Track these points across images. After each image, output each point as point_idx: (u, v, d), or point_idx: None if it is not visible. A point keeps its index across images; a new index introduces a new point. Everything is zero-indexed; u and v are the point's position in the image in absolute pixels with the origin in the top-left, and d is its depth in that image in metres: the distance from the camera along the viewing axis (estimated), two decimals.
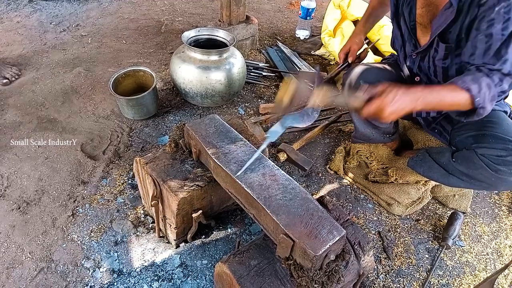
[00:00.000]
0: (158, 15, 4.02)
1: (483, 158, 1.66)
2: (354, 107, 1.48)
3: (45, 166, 2.20)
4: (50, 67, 3.04)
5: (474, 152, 1.69)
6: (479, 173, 1.71)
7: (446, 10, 1.52)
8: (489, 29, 1.41)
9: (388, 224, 2.12)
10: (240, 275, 1.33)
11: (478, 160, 1.67)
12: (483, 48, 1.45)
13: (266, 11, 4.39)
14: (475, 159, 1.69)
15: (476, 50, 1.47)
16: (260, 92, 3.01)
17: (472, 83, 1.44)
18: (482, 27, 1.43)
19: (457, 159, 1.79)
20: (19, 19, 3.70)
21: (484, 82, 1.43)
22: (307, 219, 1.29)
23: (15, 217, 1.93)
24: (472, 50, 1.49)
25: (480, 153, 1.67)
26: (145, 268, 1.76)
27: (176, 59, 2.56)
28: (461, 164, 1.77)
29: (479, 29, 1.44)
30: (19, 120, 2.51)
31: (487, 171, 1.66)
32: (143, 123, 2.58)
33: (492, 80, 1.44)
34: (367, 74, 1.97)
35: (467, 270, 1.95)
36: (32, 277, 1.71)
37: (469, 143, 1.75)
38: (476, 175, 1.73)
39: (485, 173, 1.67)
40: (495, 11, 1.38)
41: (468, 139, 1.77)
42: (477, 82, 1.43)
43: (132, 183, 2.15)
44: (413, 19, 1.74)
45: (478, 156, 1.67)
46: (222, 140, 1.60)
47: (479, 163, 1.67)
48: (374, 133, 2.17)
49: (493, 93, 1.45)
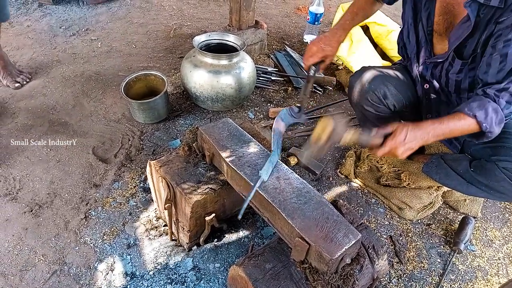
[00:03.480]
0: (167, 20, 4.04)
1: (506, 172, 1.67)
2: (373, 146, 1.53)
3: (57, 169, 2.21)
4: (60, 71, 3.07)
5: (496, 165, 1.69)
6: (500, 186, 1.72)
7: (464, 24, 1.52)
8: (505, 49, 1.41)
9: (400, 228, 2.11)
10: (255, 278, 1.33)
11: (500, 173, 1.68)
12: (496, 68, 1.45)
13: (274, 16, 4.40)
14: (496, 171, 1.69)
15: (490, 69, 1.47)
16: (269, 96, 3.02)
17: (478, 109, 1.45)
18: (498, 46, 1.43)
19: (476, 169, 1.79)
20: (29, 23, 3.74)
21: (490, 108, 1.45)
22: (323, 223, 1.30)
23: (27, 220, 1.94)
24: (486, 68, 1.49)
25: (502, 166, 1.67)
26: (158, 271, 1.76)
27: (187, 63, 2.58)
28: (481, 175, 1.77)
29: (495, 48, 1.44)
30: (31, 124, 2.53)
31: (509, 184, 1.68)
32: (154, 126, 2.59)
33: (499, 103, 1.46)
34: (375, 81, 1.96)
35: (479, 274, 1.94)
36: (45, 280, 1.72)
37: (487, 154, 1.75)
38: (497, 187, 1.73)
39: (508, 185, 1.69)
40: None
41: (486, 149, 1.76)
42: (483, 108, 1.45)
43: (144, 186, 2.16)
44: (431, 25, 1.73)
45: (500, 169, 1.68)
46: (236, 144, 1.61)
47: (501, 175, 1.68)
48: None
49: (500, 116, 1.47)
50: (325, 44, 1.89)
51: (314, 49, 1.90)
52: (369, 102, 1.98)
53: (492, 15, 1.44)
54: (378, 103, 1.97)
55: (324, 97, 3.09)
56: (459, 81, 1.70)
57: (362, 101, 2.01)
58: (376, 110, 2.00)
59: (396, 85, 1.95)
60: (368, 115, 2.05)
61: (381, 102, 1.96)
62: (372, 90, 1.94)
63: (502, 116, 1.47)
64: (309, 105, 2.97)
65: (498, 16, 1.41)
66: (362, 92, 1.98)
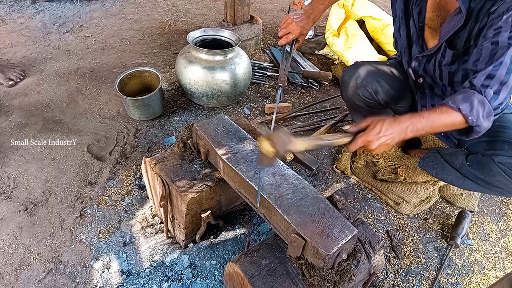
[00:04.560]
0: (161, 15, 4.02)
1: (501, 166, 1.66)
2: (341, 145, 1.47)
3: (52, 167, 2.20)
4: (54, 68, 3.04)
5: (491, 160, 1.68)
6: (496, 180, 1.71)
7: (455, 16, 1.51)
8: (496, 37, 1.39)
9: (396, 223, 2.11)
10: (251, 275, 1.33)
11: (496, 167, 1.67)
12: (487, 55, 1.43)
13: (269, 11, 4.38)
14: (492, 165, 1.68)
15: (481, 57, 1.45)
16: (265, 92, 3.01)
17: (463, 102, 1.41)
18: (488, 34, 1.41)
19: (472, 163, 1.78)
20: (22, 21, 3.70)
21: (476, 100, 1.41)
22: (319, 218, 1.29)
23: (22, 219, 1.93)
24: (477, 56, 1.47)
25: (498, 161, 1.66)
26: (154, 269, 1.76)
27: (182, 59, 2.56)
28: (477, 170, 1.76)
29: (486, 37, 1.42)
30: (25, 122, 2.51)
31: (506, 179, 1.67)
32: (149, 123, 2.58)
33: (486, 95, 1.42)
34: (367, 77, 1.96)
35: (476, 268, 1.94)
36: (41, 279, 1.70)
37: (482, 148, 1.74)
38: (493, 181, 1.73)
39: (503, 180, 1.68)
40: (503, 20, 1.37)
41: (481, 144, 1.75)
42: (468, 100, 1.41)
43: (140, 183, 2.14)
44: (422, 20, 1.72)
45: (496, 164, 1.66)
46: (231, 140, 1.60)
47: (497, 170, 1.67)
48: None
49: (487, 109, 1.43)
50: (302, 23, 1.85)
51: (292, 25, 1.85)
52: (361, 98, 1.98)
53: (483, 5, 1.42)
54: (369, 99, 1.97)
55: (320, 92, 3.08)
56: (452, 73, 1.68)
57: (354, 97, 2.01)
58: (367, 105, 2.00)
59: (389, 81, 1.95)
60: (360, 109, 2.06)
61: (372, 97, 1.96)
62: (363, 86, 1.94)
63: (490, 109, 1.44)
64: (305, 100, 2.96)
65: (490, 7, 1.41)
66: (354, 88, 1.98)
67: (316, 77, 3.09)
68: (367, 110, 2.03)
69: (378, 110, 2.00)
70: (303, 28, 1.86)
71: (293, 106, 2.86)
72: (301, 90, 3.07)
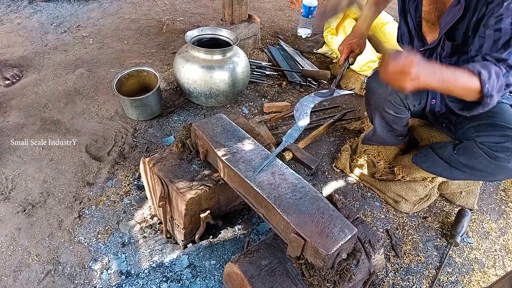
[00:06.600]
0: (159, 15, 4.01)
1: (482, 146, 1.66)
2: (384, 54, 1.39)
3: (50, 168, 2.19)
4: (52, 68, 3.03)
5: (474, 141, 1.69)
6: (478, 162, 1.70)
7: (454, 7, 1.52)
8: (498, 24, 1.40)
9: (396, 222, 2.11)
10: (251, 275, 1.32)
11: (478, 149, 1.67)
12: (491, 41, 1.44)
13: (267, 10, 4.37)
14: (474, 148, 1.68)
15: (485, 43, 1.46)
16: (264, 91, 3.00)
17: (483, 68, 1.39)
18: (490, 22, 1.42)
19: (458, 150, 1.79)
20: (19, 21, 3.69)
21: (493, 70, 1.40)
22: (318, 218, 1.28)
23: (20, 220, 1.92)
24: (480, 43, 1.47)
25: (479, 141, 1.67)
26: (154, 269, 1.75)
27: (180, 58, 2.55)
28: (462, 155, 1.77)
29: (487, 25, 1.43)
30: (22, 122, 2.49)
31: (486, 159, 1.66)
32: (147, 123, 2.57)
33: (501, 69, 1.42)
34: None
35: (476, 267, 1.94)
36: (40, 280, 1.70)
37: (470, 134, 1.75)
38: (476, 164, 1.72)
39: (485, 161, 1.67)
40: (504, 6, 1.39)
41: (470, 130, 1.77)
42: (487, 68, 1.39)
43: (138, 184, 2.14)
44: (419, 16, 1.73)
45: (477, 145, 1.67)
46: (230, 140, 1.59)
47: (478, 151, 1.67)
48: (389, 136, 2.11)
49: (501, 82, 1.41)
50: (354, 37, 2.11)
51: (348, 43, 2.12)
52: (391, 105, 1.89)
53: None
54: (399, 105, 1.89)
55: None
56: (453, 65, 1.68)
57: (384, 104, 1.91)
58: (395, 112, 1.92)
59: None
60: (386, 117, 1.98)
61: (402, 103, 1.89)
62: (395, 92, 1.84)
63: (503, 83, 1.42)
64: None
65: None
66: (385, 95, 1.89)
67: (315, 76, 3.09)
68: (393, 118, 1.96)
69: (403, 116, 1.96)
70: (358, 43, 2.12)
71: (292, 105, 2.85)
72: (299, 88, 3.07)
